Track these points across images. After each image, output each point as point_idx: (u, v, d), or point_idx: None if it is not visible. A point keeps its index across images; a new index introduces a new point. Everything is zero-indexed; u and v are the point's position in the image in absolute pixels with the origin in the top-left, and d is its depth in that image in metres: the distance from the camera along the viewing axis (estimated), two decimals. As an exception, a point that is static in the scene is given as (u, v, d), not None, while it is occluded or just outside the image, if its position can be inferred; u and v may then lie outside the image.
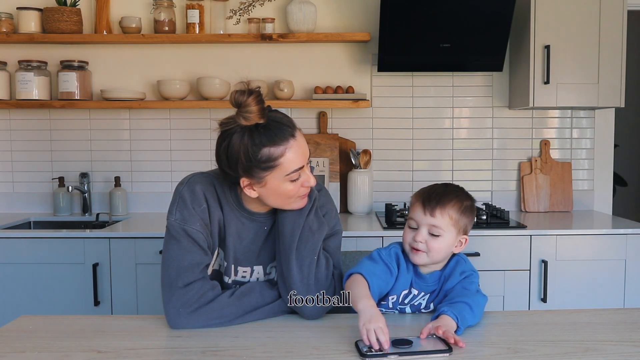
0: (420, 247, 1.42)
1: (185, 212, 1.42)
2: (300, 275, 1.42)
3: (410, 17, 2.71)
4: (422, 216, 1.42)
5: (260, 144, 1.34)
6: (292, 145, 1.36)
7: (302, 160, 1.39)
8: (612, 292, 2.53)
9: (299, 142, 1.38)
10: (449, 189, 1.47)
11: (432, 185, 1.50)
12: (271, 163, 1.35)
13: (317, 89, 2.96)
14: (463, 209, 1.45)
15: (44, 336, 1.32)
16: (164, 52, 3.05)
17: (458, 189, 1.49)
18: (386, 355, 1.18)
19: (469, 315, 1.34)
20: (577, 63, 2.74)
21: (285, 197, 1.41)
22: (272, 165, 1.35)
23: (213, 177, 1.49)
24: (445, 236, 1.43)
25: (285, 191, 1.40)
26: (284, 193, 1.40)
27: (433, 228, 1.42)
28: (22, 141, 3.08)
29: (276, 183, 1.38)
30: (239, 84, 1.39)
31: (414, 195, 1.49)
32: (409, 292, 1.48)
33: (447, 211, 1.42)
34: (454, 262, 1.49)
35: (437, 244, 1.42)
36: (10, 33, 2.89)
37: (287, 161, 1.36)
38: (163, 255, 1.43)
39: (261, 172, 1.36)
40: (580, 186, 3.14)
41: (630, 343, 1.26)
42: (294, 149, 1.36)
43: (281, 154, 1.35)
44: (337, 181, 2.99)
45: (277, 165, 1.35)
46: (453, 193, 1.46)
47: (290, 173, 1.37)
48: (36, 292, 2.49)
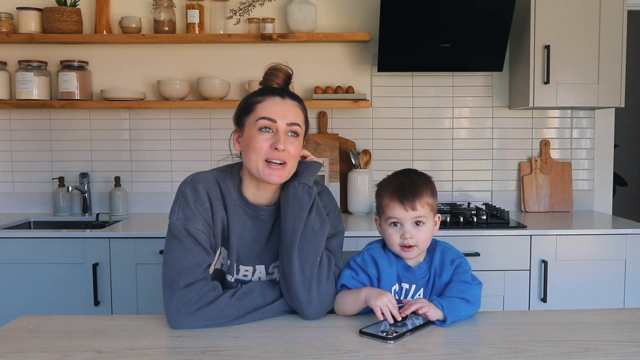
0: (412, 242, 1.45)
1: (188, 211, 1.42)
2: (301, 276, 1.42)
3: (410, 17, 2.71)
4: (404, 213, 1.44)
5: (253, 93, 1.52)
6: (274, 100, 1.47)
7: (277, 114, 1.45)
8: (612, 292, 2.53)
9: (284, 102, 1.48)
10: (413, 177, 1.49)
11: (396, 178, 1.50)
12: (251, 107, 1.48)
13: (317, 89, 2.96)
14: (432, 191, 1.49)
15: (44, 336, 1.32)
16: (164, 52, 3.05)
17: (418, 173, 1.52)
18: (404, 335, 1.28)
19: (461, 307, 1.38)
20: (577, 63, 2.74)
21: (254, 150, 1.44)
22: (250, 109, 1.48)
23: (217, 175, 1.50)
24: (427, 223, 1.47)
25: (254, 143, 1.44)
26: (254, 145, 1.44)
27: (416, 219, 1.45)
28: (22, 141, 3.08)
29: (249, 129, 1.46)
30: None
31: (383, 194, 1.49)
32: (399, 287, 1.48)
33: (424, 200, 1.46)
34: (439, 251, 1.51)
35: (423, 234, 1.46)
36: (10, 33, 2.89)
37: (262, 107, 1.46)
38: (165, 255, 1.43)
39: (244, 116, 1.49)
40: (580, 186, 3.14)
41: (630, 343, 1.26)
42: (274, 102, 1.47)
43: (260, 101, 1.48)
44: (337, 181, 2.99)
45: (254, 109, 1.47)
46: (420, 180, 1.49)
47: (259, 119, 1.44)
48: (36, 292, 2.49)
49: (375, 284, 1.48)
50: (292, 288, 1.42)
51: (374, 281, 1.48)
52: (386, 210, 1.47)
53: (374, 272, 1.49)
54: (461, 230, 2.52)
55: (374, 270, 1.49)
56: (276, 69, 1.55)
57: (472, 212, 2.71)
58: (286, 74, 1.55)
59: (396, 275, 1.48)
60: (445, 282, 1.47)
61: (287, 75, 1.55)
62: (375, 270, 1.49)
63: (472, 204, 3.04)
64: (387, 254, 1.50)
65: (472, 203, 3.05)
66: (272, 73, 1.54)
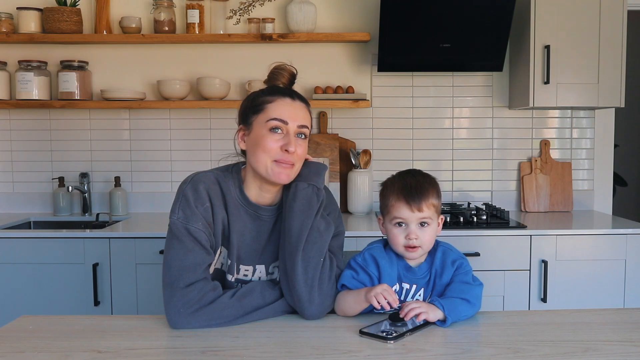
0: (416, 243, 1.44)
1: (188, 210, 1.42)
2: (304, 276, 1.42)
3: (410, 17, 2.71)
4: (410, 214, 1.44)
5: (261, 92, 1.51)
6: (285, 101, 1.47)
7: (288, 116, 1.45)
8: (612, 292, 2.53)
9: (294, 104, 1.48)
10: (419, 178, 1.49)
11: (402, 178, 1.49)
12: (260, 106, 1.47)
13: (317, 89, 2.96)
14: (438, 193, 1.49)
15: (44, 336, 1.31)
16: (164, 52, 3.05)
17: (423, 174, 1.52)
18: (404, 335, 1.27)
19: (462, 307, 1.38)
20: (577, 63, 2.74)
21: (264, 150, 1.44)
22: (260, 108, 1.47)
23: (217, 174, 1.50)
24: (432, 225, 1.47)
25: (264, 143, 1.44)
26: (263, 144, 1.44)
27: (421, 220, 1.45)
28: (22, 141, 3.08)
29: (258, 129, 1.46)
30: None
31: (389, 194, 1.47)
32: (400, 287, 1.48)
33: (430, 201, 1.46)
34: (440, 252, 1.51)
35: (427, 235, 1.46)
36: (10, 33, 2.89)
37: (273, 107, 1.46)
38: (165, 254, 1.43)
39: (252, 115, 1.48)
40: (580, 186, 3.14)
41: (630, 343, 1.26)
42: (284, 103, 1.47)
43: (270, 101, 1.47)
44: (337, 181, 2.99)
45: (264, 109, 1.46)
46: (426, 181, 1.48)
47: (270, 119, 1.44)
48: (36, 292, 2.49)
49: (376, 283, 1.48)
50: (294, 288, 1.42)
51: (375, 280, 1.48)
52: (392, 210, 1.47)
53: (375, 271, 1.48)
54: (461, 230, 2.52)
55: (375, 270, 1.48)
56: (281, 68, 1.55)
57: (472, 212, 2.71)
58: (291, 74, 1.56)
59: (397, 275, 1.48)
60: (446, 282, 1.47)
61: (292, 75, 1.56)
62: (376, 270, 1.48)
63: (472, 204, 3.04)
64: (388, 254, 1.50)
65: (472, 203, 3.05)
66: (278, 72, 1.55)
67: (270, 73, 1.56)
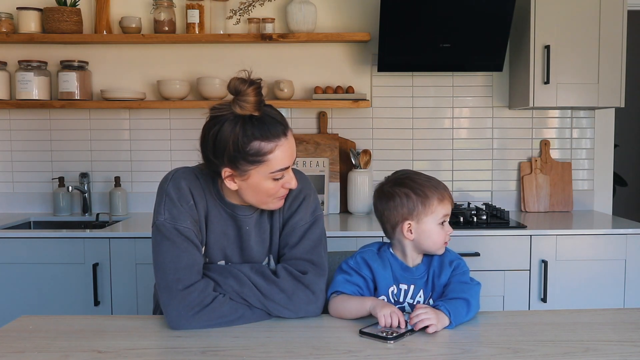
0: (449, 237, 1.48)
1: (174, 210, 1.40)
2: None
3: (410, 17, 2.71)
4: (450, 208, 1.47)
5: (252, 137, 1.33)
6: (282, 144, 1.35)
7: (289, 160, 1.38)
8: (612, 292, 2.53)
9: (290, 142, 1.38)
10: (427, 175, 1.51)
11: (419, 178, 1.48)
12: (259, 158, 1.34)
13: (317, 89, 2.96)
14: None
15: (44, 336, 1.32)
16: (164, 52, 3.05)
17: (417, 172, 1.54)
18: (404, 335, 1.28)
19: (464, 310, 1.37)
20: (577, 63, 2.74)
21: (264, 194, 1.40)
22: (259, 160, 1.34)
23: (197, 170, 1.48)
24: None
25: (265, 189, 1.39)
26: (263, 190, 1.39)
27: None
28: (22, 141, 3.08)
29: (258, 179, 1.37)
30: (240, 72, 1.38)
31: (430, 195, 1.44)
32: (397, 289, 1.48)
33: None
34: None
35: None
36: (10, 33, 2.89)
37: (275, 159, 1.35)
38: (156, 257, 1.39)
39: (247, 164, 1.35)
40: (580, 186, 3.14)
41: (630, 343, 1.26)
42: (284, 148, 1.36)
43: (270, 151, 1.34)
44: (337, 181, 2.99)
45: (265, 161, 1.35)
46: (434, 178, 1.51)
47: (275, 171, 1.37)
48: (36, 292, 2.49)
49: (371, 285, 1.48)
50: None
51: (369, 282, 1.48)
52: (437, 210, 1.44)
53: (368, 273, 1.48)
54: (461, 230, 2.51)
55: (368, 272, 1.48)
56: (243, 85, 1.33)
57: (472, 212, 2.71)
58: (256, 89, 1.33)
59: (392, 276, 1.48)
60: (444, 283, 1.46)
61: (257, 91, 1.34)
62: (369, 272, 1.48)
63: (472, 204, 3.04)
64: (381, 257, 1.49)
65: (472, 203, 3.05)
66: (242, 98, 1.33)
67: (237, 99, 1.34)
